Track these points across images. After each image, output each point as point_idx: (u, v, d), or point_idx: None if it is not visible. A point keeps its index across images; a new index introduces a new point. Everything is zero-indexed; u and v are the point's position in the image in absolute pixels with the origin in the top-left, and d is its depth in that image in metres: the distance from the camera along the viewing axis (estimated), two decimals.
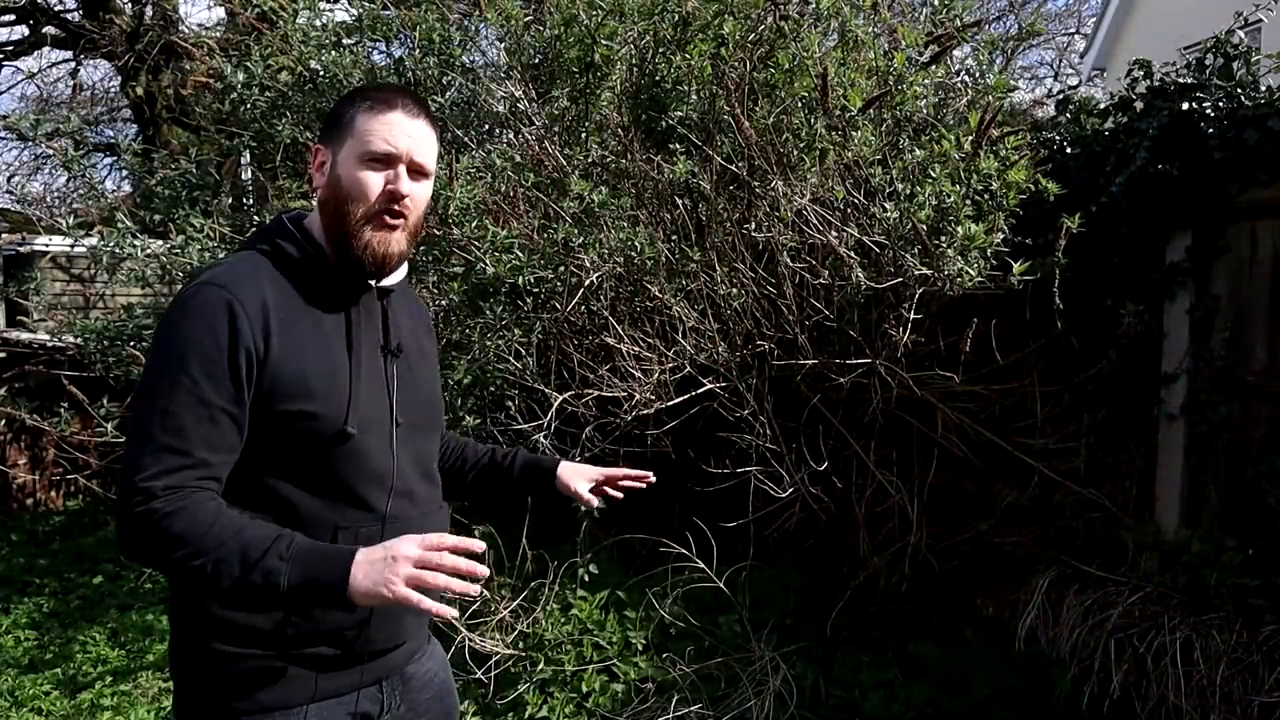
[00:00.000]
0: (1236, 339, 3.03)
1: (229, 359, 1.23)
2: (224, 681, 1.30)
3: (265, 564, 1.16)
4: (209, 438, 1.22)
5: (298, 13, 3.39)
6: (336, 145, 1.36)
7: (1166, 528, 3.14)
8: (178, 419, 1.20)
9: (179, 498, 1.18)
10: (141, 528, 1.17)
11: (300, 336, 1.30)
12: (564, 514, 3.39)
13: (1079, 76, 9.29)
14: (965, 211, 2.59)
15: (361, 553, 1.19)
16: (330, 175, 1.36)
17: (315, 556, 1.19)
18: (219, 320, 1.23)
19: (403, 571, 1.15)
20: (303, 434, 1.28)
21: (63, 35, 8.64)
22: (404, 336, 1.45)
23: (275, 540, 1.19)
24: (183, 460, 1.20)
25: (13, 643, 3.91)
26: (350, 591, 1.16)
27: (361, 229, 1.34)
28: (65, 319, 5.03)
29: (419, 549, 1.17)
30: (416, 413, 1.45)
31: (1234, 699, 2.62)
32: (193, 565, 1.16)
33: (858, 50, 3.00)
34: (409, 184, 1.35)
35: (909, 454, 3.41)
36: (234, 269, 1.31)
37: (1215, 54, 3.11)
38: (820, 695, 3.02)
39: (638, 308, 3.09)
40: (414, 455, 1.44)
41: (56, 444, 5.55)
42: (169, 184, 3.53)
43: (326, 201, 1.36)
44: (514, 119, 3.27)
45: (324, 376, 1.30)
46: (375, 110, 1.34)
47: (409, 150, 1.35)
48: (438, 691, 1.54)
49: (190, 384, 1.21)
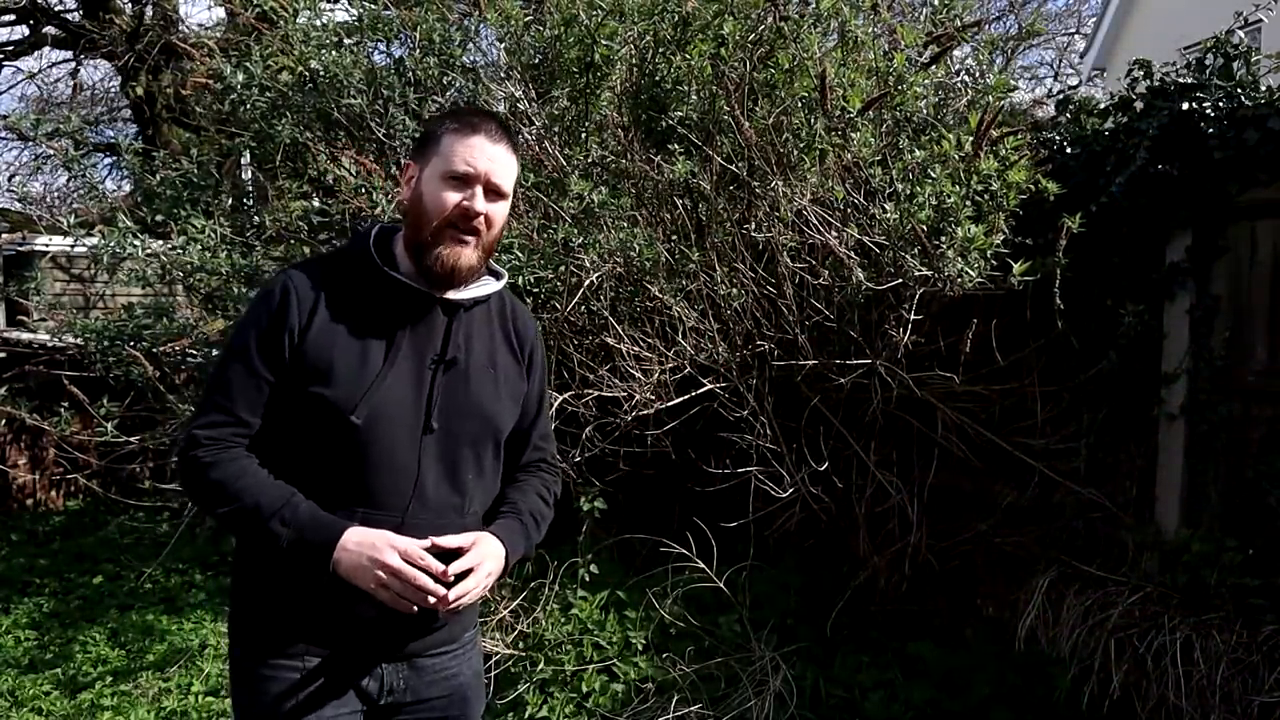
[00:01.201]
0: (1236, 339, 3.03)
1: (274, 331, 1.41)
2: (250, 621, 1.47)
3: (270, 526, 1.35)
4: (252, 401, 1.41)
5: (298, 13, 3.38)
6: (423, 162, 1.47)
7: (1166, 528, 3.14)
8: (230, 385, 1.41)
9: (217, 450, 1.39)
10: (185, 470, 1.41)
11: (339, 327, 1.42)
12: (564, 514, 3.39)
13: (1079, 76, 9.28)
14: (965, 212, 2.59)
15: (350, 536, 1.35)
16: (415, 189, 1.47)
17: (311, 528, 1.36)
18: (275, 300, 1.42)
19: (374, 575, 1.33)
20: (317, 415, 1.40)
21: (63, 35, 8.63)
22: (472, 351, 1.50)
23: (282, 506, 1.36)
24: (226, 418, 1.40)
25: (13, 643, 3.91)
26: (335, 569, 1.35)
27: (435, 240, 1.43)
28: (65, 319, 5.03)
29: (396, 561, 1.33)
30: (460, 424, 1.48)
31: (1234, 699, 2.62)
32: (220, 511, 1.38)
33: (857, 50, 3.00)
34: (484, 203, 1.45)
35: (909, 454, 3.41)
36: (310, 262, 1.50)
37: (1215, 54, 3.11)
38: (820, 695, 3.01)
39: (638, 308, 3.09)
40: (446, 463, 1.47)
41: (56, 444, 5.55)
42: (169, 184, 3.53)
43: (408, 214, 1.47)
44: (514, 119, 3.27)
45: (350, 367, 1.40)
46: (461, 133, 1.45)
47: (488, 172, 1.44)
48: (454, 694, 1.54)
49: (245, 356, 1.41)
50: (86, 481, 5.18)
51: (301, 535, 1.35)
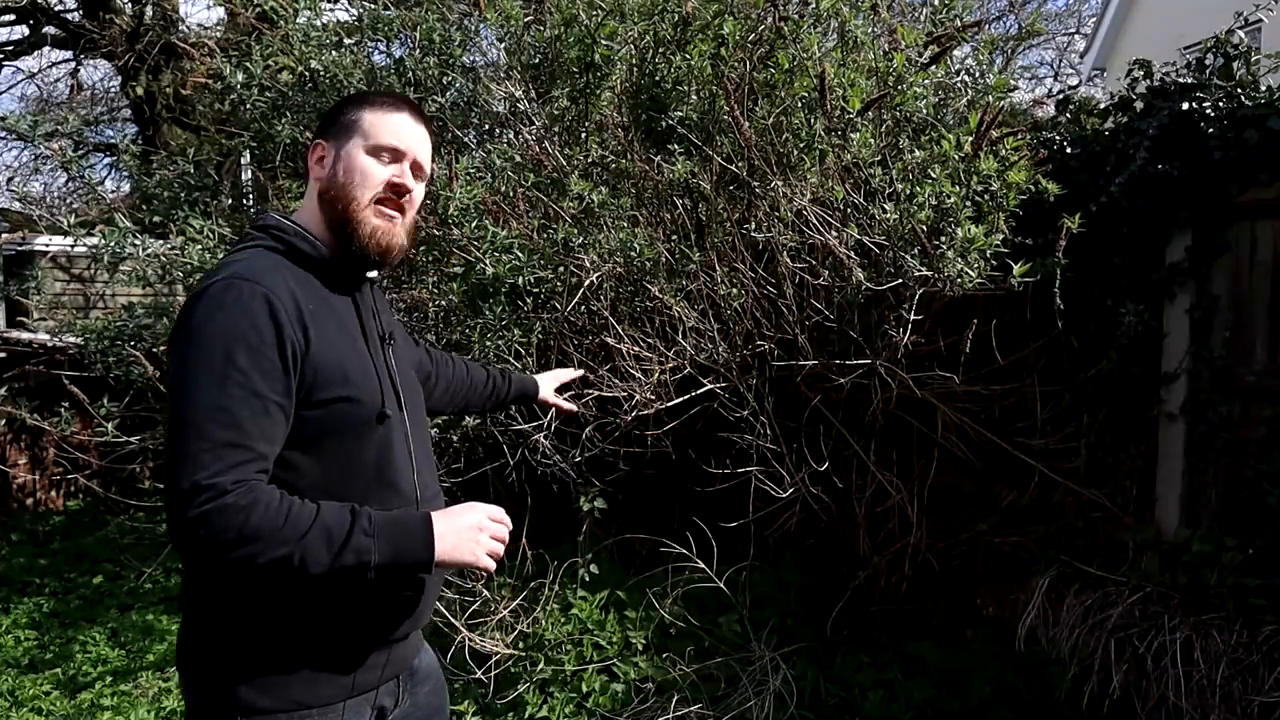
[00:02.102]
0: (1236, 339, 3.03)
1: (277, 351, 1.23)
2: (268, 679, 1.28)
3: (354, 543, 1.19)
4: (265, 430, 1.21)
5: (298, 13, 3.38)
6: (341, 140, 1.41)
7: (1166, 528, 3.14)
8: (232, 414, 1.18)
9: (248, 491, 1.16)
10: (214, 526, 1.13)
11: (329, 328, 1.33)
12: (564, 514, 3.39)
13: (1079, 76, 9.29)
14: (965, 212, 2.58)
15: (437, 519, 1.28)
16: (333, 168, 1.39)
17: (397, 529, 1.24)
18: (259, 313, 1.22)
19: (484, 540, 1.30)
20: (343, 418, 1.31)
21: (63, 35, 8.63)
22: (390, 325, 1.50)
23: (355, 517, 1.22)
24: (245, 454, 1.18)
25: (13, 643, 3.91)
26: (436, 559, 1.25)
27: (365, 215, 1.37)
28: (65, 319, 5.03)
29: (491, 520, 1.32)
30: (414, 397, 1.50)
31: (1234, 699, 2.62)
32: (277, 556, 1.15)
33: (857, 51, 3.00)
34: (411, 180, 1.42)
35: (909, 454, 3.41)
36: (255, 263, 1.30)
37: (1215, 54, 3.11)
38: (820, 695, 3.01)
39: (638, 308, 3.09)
40: (420, 439, 1.48)
41: (57, 444, 5.56)
42: (169, 184, 3.53)
43: (326, 192, 1.39)
44: (514, 119, 3.27)
45: (355, 363, 1.35)
46: (384, 109, 1.41)
47: (413, 150, 1.42)
48: (434, 685, 1.57)
49: (241, 378, 1.19)
50: (86, 481, 5.18)
51: (393, 542, 1.22)
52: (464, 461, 3.26)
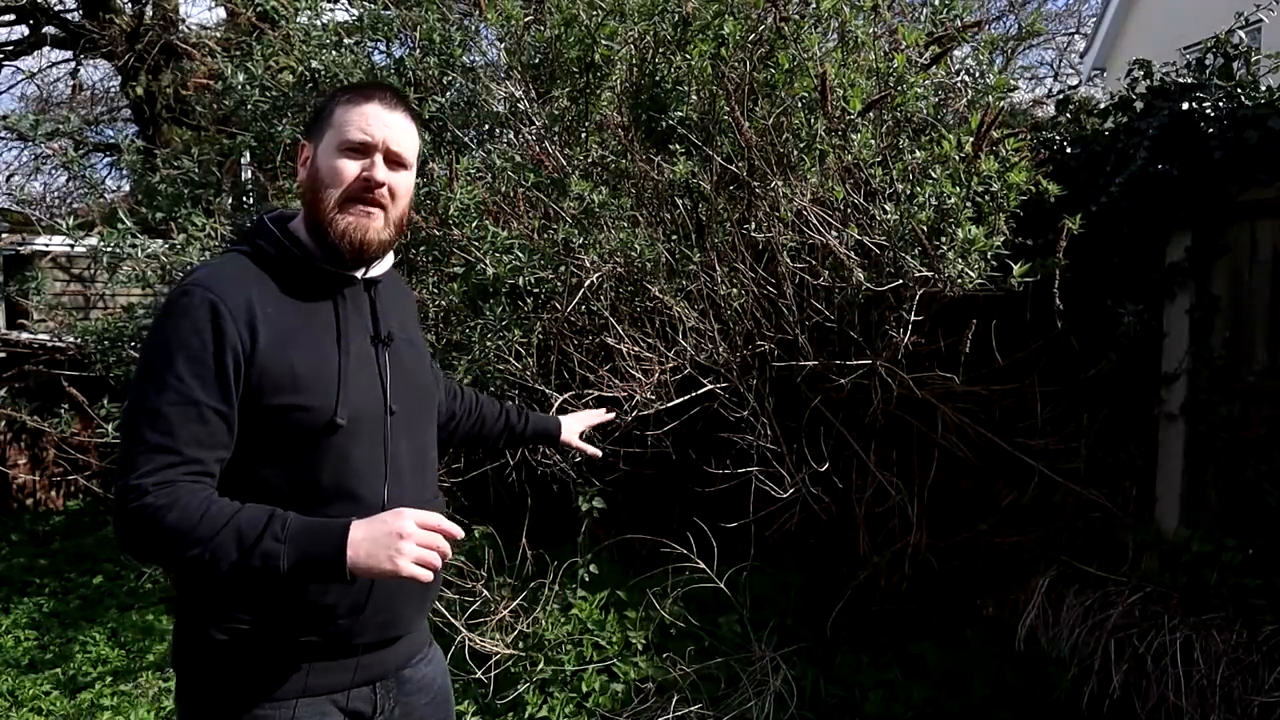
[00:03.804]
0: (1236, 339, 3.03)
1: (215, 358, 1.25)
2: (220, 671, 1.33)
3: (262, 546, 1.19)
4: (199, 436, 1.24)
5: (298, 12, 3.39)
6: (316, 139, 1.40)
7: (1166, 528, 3.15)
8: (167, 419, 1.22)
9: (170, 491, 1.20)
10: (137, 523, 1.20)
11: (286, 331, 1.31)
12: (564, 514, 3.39)
13: (1079, 76, 9.28)
14: (965, 213, 2.59)
15: (357, 526, 1.22)
16: (310, 169, 1.40)
17: (311, 533, 1.21)
18: (202, 320, 1.25)
19: (407, 548, 1.20)
20: (293, 426, 1.30)
21: (63, 35, 8.63)
22: (393, 326, 1.47)
23: (269, 521, 1.21)
24: (173, 459, 1.22)
25: (13, 643, 3.91)
26: (350, 566, 1.19)
27: (335, 214, 1.35)
28: (65, 319, 5.03)
29: (418, 527, 1.21)
30: (411, 401, 1.47)
31: (1234, 699, 2.62)
32: (190, 555, 1.19)
33: (858, 51, 3.00)
34: (385, 172, 1.37)
35: (909, 454, 3.41)
36: (216, 270, 1.33)
37: (1215, 54, 3.11)
38: (820, 695, 3.01)
39: (638, 308, 3.09)
40: (410, 444, 1.45)
41: (56, 444, 5.55)
42: (169, 183, 3.53)
43: (305, 193, 1.40)
44: (514, 119, 3.27)
45: (312, 369, 1.32)
46: (352, 102, 1.38)
47: (385, 139, 1.37)
48: (435, 698, 1.55)
49: (178, 384, 1.23)
50: (86, 481, 5.17)
51: (302, 548, 1.20)
52: (464, 461, 3.26)
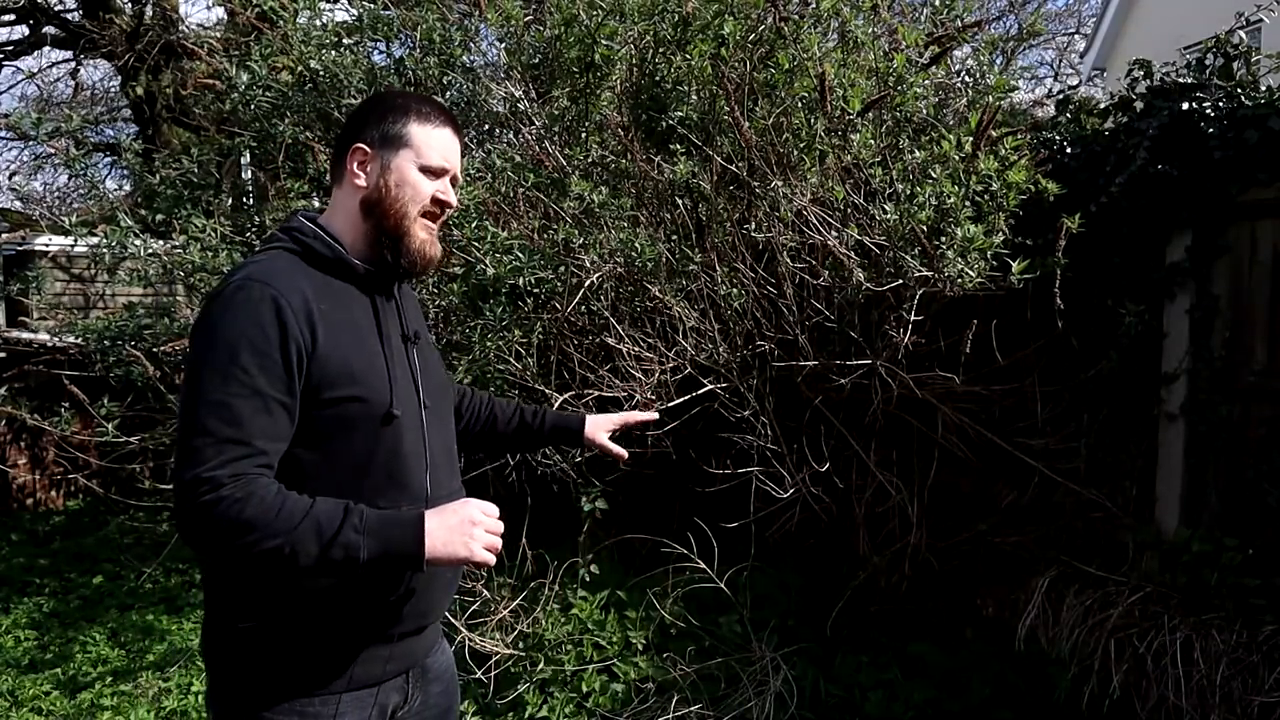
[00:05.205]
0: (1236, 339, 3.03)
1: (280, 352, 1.27)
2: (258, 664, 1.34)
3: (343, 538, 1.22)
4: (265, 428, 1.26)
5: (298, 12, 3.39)
6: (388, 151, 1.44)
7: (1166, 528, 3.14)
8: (234, 411, 1.24)
9: (245, 484, 1.22)
10: (210, 516, 1.20)
11: (339, 327, 1.35)
12: (564, 514, 3.39)
13: (1079, 76, 9.28)
14: (965, 212, 2.59)
15: (429, 517, 1.28)
16: (385, 179, 1.44)
17: (388, 525, 1.26)
18: (266, 314, 1.27)
19: (479, 535, 1.29)
20: (351, 418, 1.34)
21: (63, 35, 8.63)
22: (417, 326, 1.53)
23: (347, 514, 1.24)
24: (244, 450, 1.23)
25: (13, 643, 3.91)
26: (428, 555, 1.26)
27: (415, 228, 1.44)
28: (66, 319, 5.03)
29: (486, 515, 1.30)
30: (438, 396, 1.53)
31: (1234, 699, 2.63)
32: (268, 547, 1.20)
33: (857, 51, 3.00)
34: (453, 195, 1.49)
35: (909, 454, 3.41)
36: (271, 265, 1.35)
37: (1215, 54, 3.11)
38: (820, 695, 3.02)
39: (638, 308, 3.09)
40: (440, 438, 1.50)
41: (57, 444, 5.55)
42: (170, 183, 3.53)
43: (372, 202, 1.44)
44: (514, 119, 3.27)
45: (367, 363, 1.37)
46: (433, 125, 1.46)
47: (455, 165, 1.49)
48: (447, 686, 1.58)
49: (244, 376, 1.24)
50: (86, 481, 5.18)
51: (381, 539, 1.24)
52: (464, 461, 3.26)
